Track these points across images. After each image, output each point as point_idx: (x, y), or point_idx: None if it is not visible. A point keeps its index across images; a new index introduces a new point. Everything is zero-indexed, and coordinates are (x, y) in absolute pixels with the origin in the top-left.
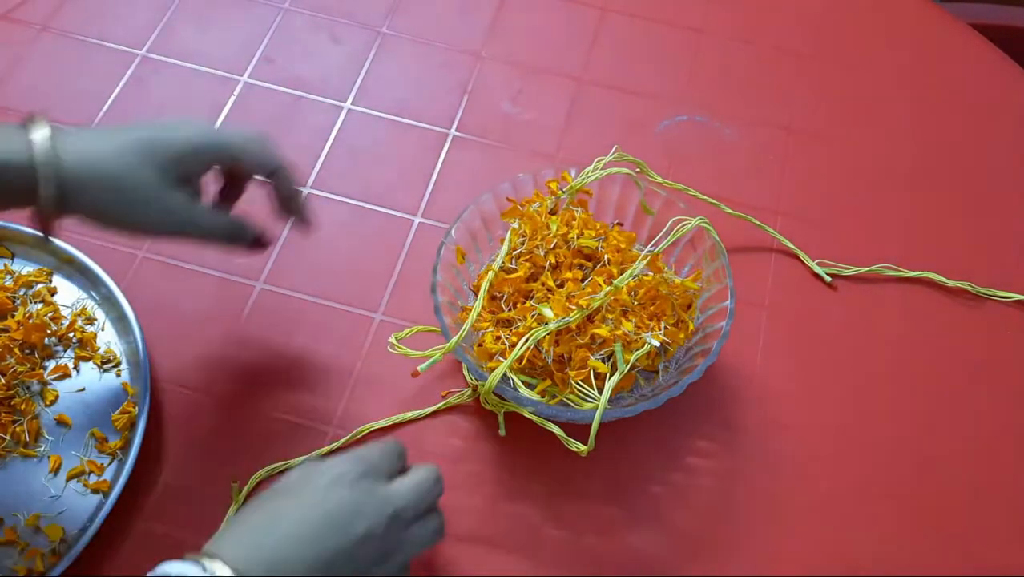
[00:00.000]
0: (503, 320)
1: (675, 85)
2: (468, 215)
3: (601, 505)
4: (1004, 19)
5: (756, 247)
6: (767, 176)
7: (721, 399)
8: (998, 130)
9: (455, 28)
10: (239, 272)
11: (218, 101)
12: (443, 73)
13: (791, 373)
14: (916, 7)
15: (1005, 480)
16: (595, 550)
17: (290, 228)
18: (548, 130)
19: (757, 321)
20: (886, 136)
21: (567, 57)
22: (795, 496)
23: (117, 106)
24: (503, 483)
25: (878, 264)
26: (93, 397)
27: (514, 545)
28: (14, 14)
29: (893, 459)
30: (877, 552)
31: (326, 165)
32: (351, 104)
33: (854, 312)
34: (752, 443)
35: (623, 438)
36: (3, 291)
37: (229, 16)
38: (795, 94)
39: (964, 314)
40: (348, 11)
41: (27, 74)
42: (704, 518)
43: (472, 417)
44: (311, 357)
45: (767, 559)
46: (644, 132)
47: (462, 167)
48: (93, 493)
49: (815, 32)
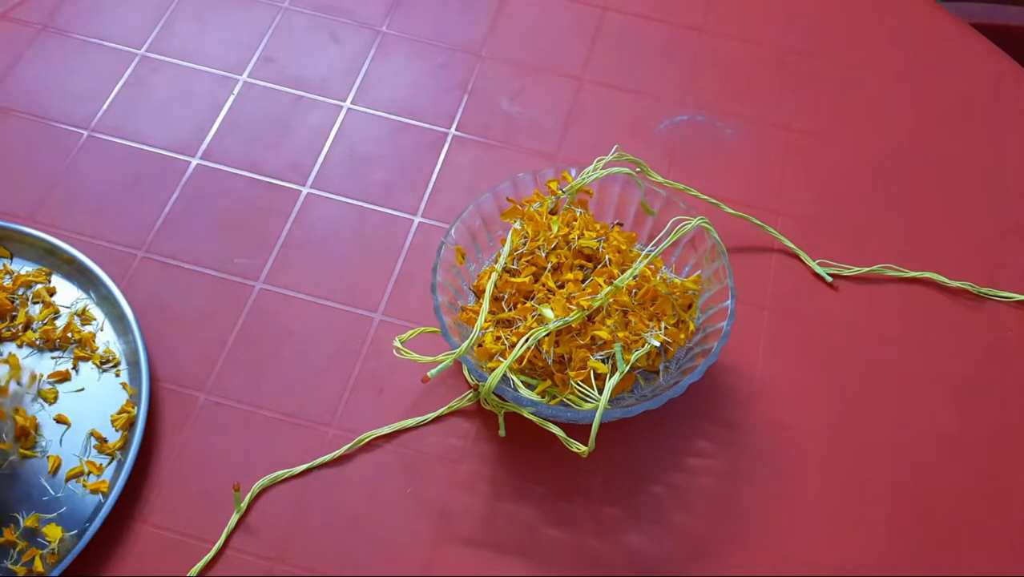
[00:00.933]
0: (503, 320)
1: (675, 85)
2: (468, 215)
3: (601, 505)
4: (1004, 19)
5: (756, 247)
6: (767, 176)
7: (721, 399)
8: (998, 130)
9: (455, 28)
10: (239, 272)
11: (218, 101)
12: (443, 73)
13: (792, 373)
14: (916, 7)
15: (1006, 480)
16: (595, 550)
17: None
18: (548, 130)
19: (758, 321)
20: (886, 136)
21: (567, 57)
22: (795, 496)
23: (116, 106)
24: (503, 483)
25: (879, 264)
26: (92, 397)
27: (514, 545)
28: (14, 14)
29: (893, 459)
30: (877, 552)
31: (326, 165)
32: (351, 104)
33: (855, 312)
34: (752, 443)
35: (623, 438)
36: (2, 291)
37: (229, 15)
38: (795, 94)
39: (965, 314)
40: (348, 11)
41: (27, 74)
42: (704, 518)
43: (472, 417)
44: (311, 357)
45: (767, 559)
46: (644, 132)
47: (462, 167)
48: (92, 493)
49: (815, 32)
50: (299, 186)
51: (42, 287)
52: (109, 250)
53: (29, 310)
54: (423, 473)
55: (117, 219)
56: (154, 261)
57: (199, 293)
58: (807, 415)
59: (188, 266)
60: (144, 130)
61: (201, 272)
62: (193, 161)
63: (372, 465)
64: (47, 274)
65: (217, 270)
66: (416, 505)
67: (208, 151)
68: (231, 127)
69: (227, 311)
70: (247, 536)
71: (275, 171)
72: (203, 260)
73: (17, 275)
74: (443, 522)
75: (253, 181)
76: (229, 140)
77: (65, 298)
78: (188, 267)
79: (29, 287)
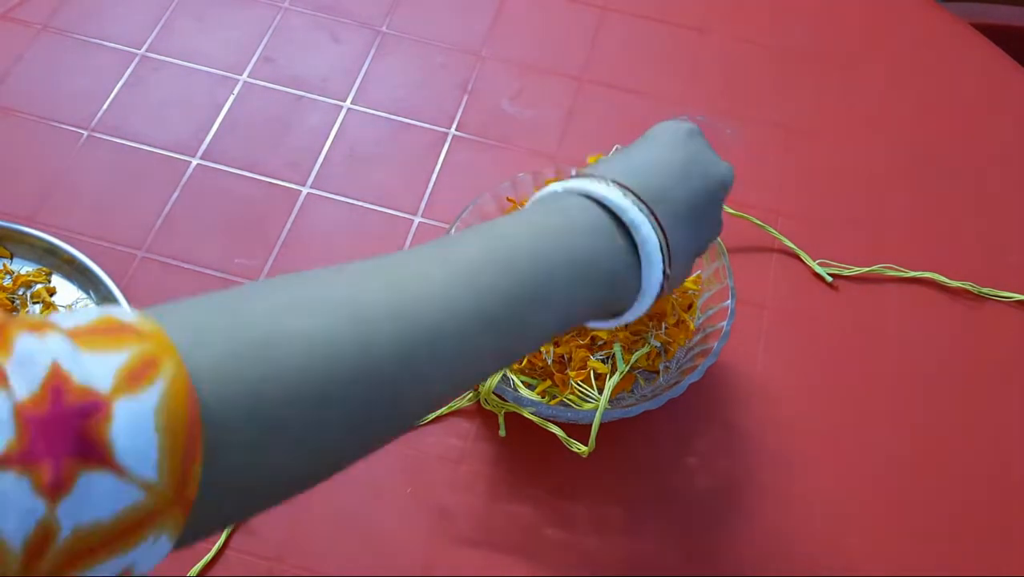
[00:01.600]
0: None
1: (675, 85)
2: (468, 215)
3: (601, 505)
4: (1004, 19)
5: (757, 247)
6: (767, 176)
7: (721, 399)
8: (998, 130)
9: (455, 28)
10: (239, 272)
11: (218, 101)
12: (443, 73)
13: (792, 373)
14: (916, 7)
15: (1007, 479)
16: (595, 550)
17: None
18: (548, 130)
19: (758, 321)
20: (886, 136)
21: (567, 57)
22: (795, 496)
23: (116, 106)
24: (503, 483)
25: (879, 264)
26: None
27: (514, 545)
28: (14, 14)
29: (893, 459)
30: (877, 552)
31: (326, 165)
32: (351, 104)
33: (855, 312)
34: (752, 443)
35: (623, 438)
36: (2, 291)
37: (229, 15)
38: (795, 94)
39: (965, 314)
40: (348, 11)
41: (27, 74)
42: (704, 518)
43: (472, 417)
44: None
45: (767, 559)
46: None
47: (462, 167)
48: None
49: (815, 32)
50: (299, 186)
51: (42, 287)
52: (109, 250)
53: (29, 310)
54: (423, 473)
55: (117, 219)
56: (154, 261)
57: (199, 293)
58: (807, 415)
59: (188, 266)
60: (144, 130)
61: (201, 272)
62: (193, 161)
63: (372, 465)
64: (47, 274)
65: (217, 270)
66: (416, 505)
67: (208, 151)
68: (231, 127)
69: None
70: (247, 536)
71: (275, 171)
72: (203, 260)
73: (17, 275)
74: (443, 522)
75: (253, 181)
76: (229, 140)
77: (65, 298)
78: (188, 267)
79: (29, 287)
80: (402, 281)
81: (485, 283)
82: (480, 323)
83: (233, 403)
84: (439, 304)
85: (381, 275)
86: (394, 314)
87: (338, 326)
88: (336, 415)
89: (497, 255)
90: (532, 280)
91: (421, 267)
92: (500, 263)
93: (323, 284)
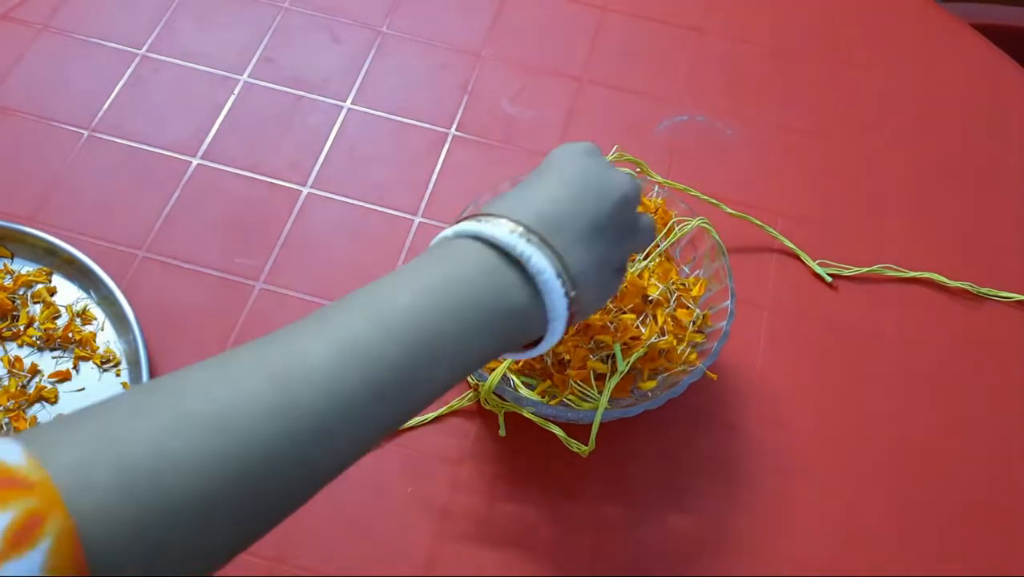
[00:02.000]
0: None
1: (675, 85)
2: (468, 215)
3: (601, 505)
4: (1004, 19)
5: (756, 247)
6: (767, 176)
7: (721, 399)
8: (998, 130)
9: (455, 28)
10: (239, 272)
11: (218, 101)
12: (443, 73)
13: (792, 373)
14: (916, 7)
15: (1006, 480)
16: (595, 550)
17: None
18: (548, 130)
19: (758, 321)
20: (886, 136)
21: (567, 57)
22: (795, 496)
23: (117, 106)
24: (503, 483)
25: (879, 264)
26: (93, 397)
27: (514, 545)
28: (14, 14)
29: (893, 459)
30: (876, 552)
31: (326, 165)
32: (351, 104)
33: (855, 312)
34: (753, 443)
35: (623, 438)
36: (3, 291)
37: (229, 15)
38: (795, 94)
39: (965, 314)
40: (348, 11)
41: (27, 74)
42: (704, 518)
43: (472, 417)
44: None
45: (768, 559)
46: (644, 132)
47: (462, 167)
48: None
49: (815, 32)
50: (299, 186)
51: (43, 287)
52: (110, 250)
53: (30, 310)
54: (423, 473)
55: (118, 219)
56: (155, 261)
57: (199, 293)
58: (807, 414)
59: (188, 266)
60: (144, 130)
61: (201, 272)
62: (193, 161)
63: (372, 465)
64: (48, 274)
65: (217, 270)
66: (416, 505)
67: (208, 151)
68: (231, 127)
69: (227, 311)
70: None
71: (275, 171)
72: (203, 260)
73: (18, 275)
74: (443, 522)
75: (253, 181)
76: (229, 140)
77: (66, 298)
78: (188, 267)
79: (30, 287)
80: (286, 371)
81: (371, 355)
82: (369, 395)
83: (120, 540)
84: (324, 388)
85: (263, 368)
86: (279, 410)
87: (222, 440)
88: (224, 518)
89: (381, 322)
90: (418, 341)
91: (305, 346)
92: (384, 330)
93: (203, 393)
